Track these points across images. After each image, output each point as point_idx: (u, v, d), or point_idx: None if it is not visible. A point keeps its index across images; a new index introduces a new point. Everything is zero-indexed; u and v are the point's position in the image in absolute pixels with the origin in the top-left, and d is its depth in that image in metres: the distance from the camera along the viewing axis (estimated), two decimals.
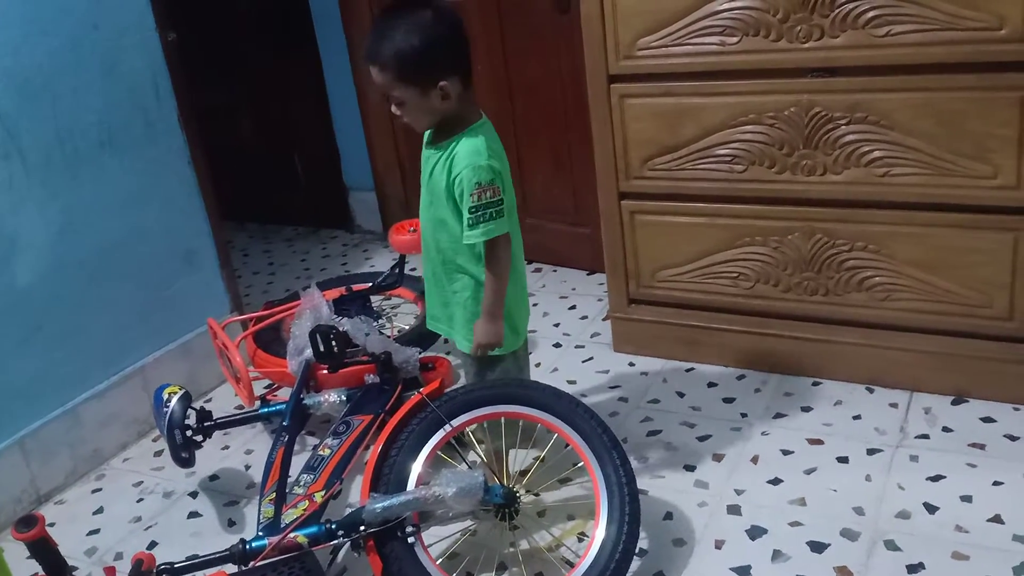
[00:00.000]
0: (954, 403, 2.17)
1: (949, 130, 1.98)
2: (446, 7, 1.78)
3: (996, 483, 1.89)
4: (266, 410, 2.20)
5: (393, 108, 1.83)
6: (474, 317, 1.88)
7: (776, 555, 1.78)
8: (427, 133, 1.87)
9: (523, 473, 1.99)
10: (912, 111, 2.00)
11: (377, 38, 1.73)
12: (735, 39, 2.12)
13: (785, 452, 2.08)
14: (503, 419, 1.86)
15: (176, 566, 1.68)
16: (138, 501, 2.26)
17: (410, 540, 1.64)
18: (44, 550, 1.56)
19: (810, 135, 2.12)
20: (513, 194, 1.86)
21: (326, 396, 2.07)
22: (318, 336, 2.06)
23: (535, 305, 2.98)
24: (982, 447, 2.01)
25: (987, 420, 2.09)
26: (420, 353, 2.11)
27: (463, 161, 1.76)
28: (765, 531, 1.84)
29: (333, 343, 2.05)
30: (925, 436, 2.07)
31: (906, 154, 2.04)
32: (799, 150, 2.15)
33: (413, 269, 2.55)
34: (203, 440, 2.13)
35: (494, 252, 1.80)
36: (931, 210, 2.07)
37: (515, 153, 3.22)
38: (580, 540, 1.88)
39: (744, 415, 2.25)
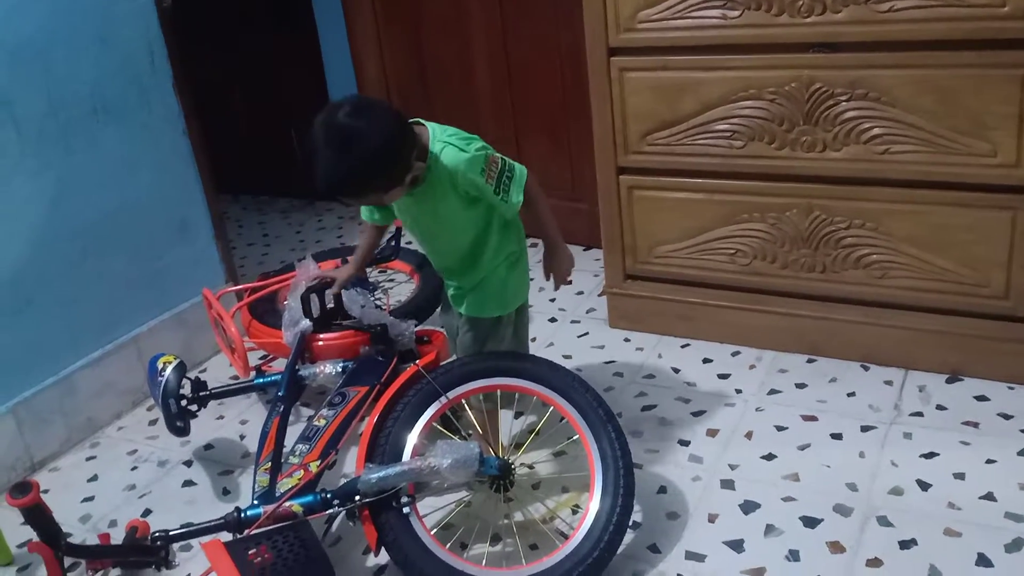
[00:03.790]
0: (948, 381, 2.18)
1: (949, 107, 1.97)
2: (362, 101, 1.71)
3: (989, 461, 1.90)
4: (261, 380, 2.20)
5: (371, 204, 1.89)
6: (506, 280, 1.92)
7: (769, 529, 1.79)
8: None
9: (518, 445, 2.00)
10: (913, 88, 1.99)
11: (338, 175, 1.65)
12: (736, 12, 2.10)
13: (779, 428, 2.09)
14: (499, 391, 1.86)
15: (171, 534, 1.69)
16: (132, 469, 2.27)
17: (405, 510, 1.65)
18: (38, 516, 1.56)
19: (810, 111, 2.11)
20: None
21: (321, 367, 2.07)
22: (312, 296, 2.07)
23: (531, 280, 2.97)
24: (976, 425, 2.02)
25: (981, 398, 2.10)
26: (416, 325, 2.11)
27: (457, 172, 1.73)
28: (758, 506, 1.85)
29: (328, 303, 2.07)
30: (919, 414, 2.08)
31: (906, 131, 2.03)
32: (799, 126, 2.14)
33: (409, 243, 2.53)
34: (198, 410, 2.13)
35: (531, 194, 1.84)
36: (929, 188, 2.06)
37: (512, 127, 3.21)
38: (574, 512, 1.89)
39: (739, 391, 2.25)
